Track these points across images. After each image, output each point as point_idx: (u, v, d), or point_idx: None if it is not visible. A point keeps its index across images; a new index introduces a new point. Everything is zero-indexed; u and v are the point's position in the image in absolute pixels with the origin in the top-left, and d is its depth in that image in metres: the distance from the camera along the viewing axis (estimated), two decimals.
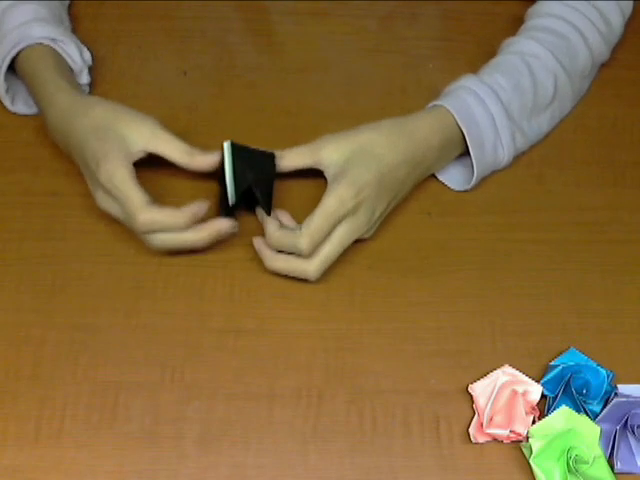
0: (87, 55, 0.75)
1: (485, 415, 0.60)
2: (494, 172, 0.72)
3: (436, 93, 0.72)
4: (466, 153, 0.70)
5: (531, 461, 0.58)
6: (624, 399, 0.60)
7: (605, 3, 0.76)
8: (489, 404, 0.60)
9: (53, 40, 0.71)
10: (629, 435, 0.59)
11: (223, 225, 0.65)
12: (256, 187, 0.66)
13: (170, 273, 0.67)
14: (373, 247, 0.69)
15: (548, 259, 0.69)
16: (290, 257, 0.65)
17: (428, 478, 0.59)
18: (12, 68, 0.73)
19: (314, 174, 0.68)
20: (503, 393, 0.61)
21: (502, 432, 0.59)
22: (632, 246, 0.70)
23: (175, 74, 0.79)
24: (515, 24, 0.77)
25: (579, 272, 0.68)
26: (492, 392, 0.61)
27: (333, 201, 0.64)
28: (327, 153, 0.67)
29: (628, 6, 0.78)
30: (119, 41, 0.81)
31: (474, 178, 0.70)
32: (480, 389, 0.61)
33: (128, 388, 0.62)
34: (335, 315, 0.65)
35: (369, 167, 0.65)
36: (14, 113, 0.75)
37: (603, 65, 0.79)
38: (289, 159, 0.68)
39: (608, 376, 0.61)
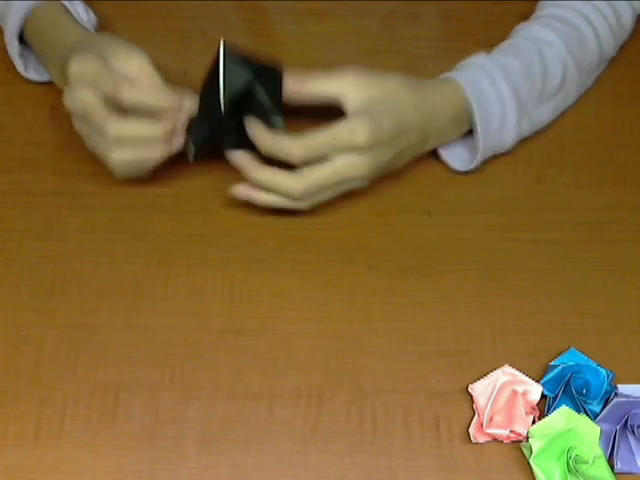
0: (92, 16, 0.76)
1: (485, 415, 0.60)
2: (494, 156, 0.72)
3: None
4: (468, 134, 0.70)
5: (531, 461, 0.58)
6: (624, 399, 0.60)
7: None
8: (489, 404, 0.60)
9: None
10: (629, 435, 0.59)
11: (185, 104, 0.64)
12: (260, 88, 0.63)
13: (170, 273, 0.67)
14: (373, 247, 0.69)
15: (548, 259, 0.69)
16: (278, 170, 0.63)
17: (428, 478, 0.59)
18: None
19: None
20: (503, 393, 0.61)
21: (502, 432, 0.59)
22: (632, 246, 0.70)
23: (175, 74, 0.78)
24: (515, 24, 0.77)
25: (579, 272, 0.68)
26: (492, 392, 0.61)
27: (345, 129, 0.62)
28: (354, 88, 0.65)
29: (638, 5, 0.78)
30: None
31: (478, 156, 0.70)
32: (480, 389, 0.61)
33: (128, 388, 0.62)
34: (335, 315, 0.65)
35: (391, 115, 0.64)
36: (27, 80, 0.76)
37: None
38: (310, 84, 0.65)
39: (608, 376, 0.61)
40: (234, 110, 0.64)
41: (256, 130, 0.65)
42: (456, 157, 0.72)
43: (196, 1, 0.84)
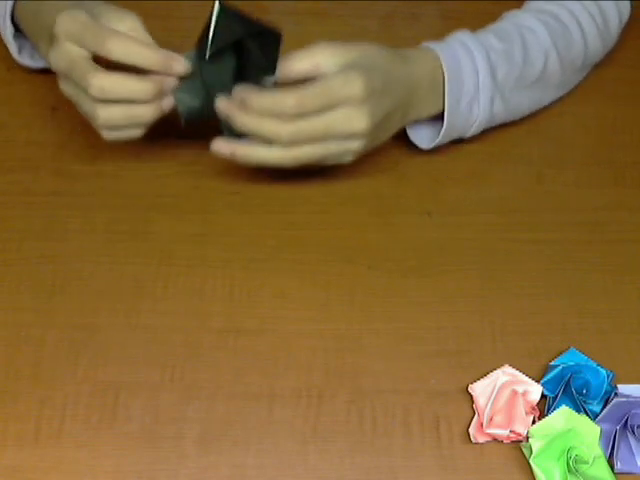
0: None
1: (485, 415, 0.60)
2: (460, 140, 0.71)
3: None
4: (438, 117, 0.69)
5: (531, 461, 0.58)
6: (624, 399, 0.60)
7: (606, 3, 0.76)
8: (489, 404, 0.60)
9: None
10: (629, 435, 0.59)
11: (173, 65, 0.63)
12: (253, 46, 0.62)
13: (170, 273, 0.67)
14: (373, 247, 0.69)
15: (548, 259, 0.69)
16: (265, 117, 0.61)
17: (428, 478, 0.59)
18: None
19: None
20: (503, 393, 0.61)
21: (502, 432, 0.59)
22: (632, 246, 0.70)
23: None
24: None
25: (579, 272, 0.68)
26: (492, 392, 0.61)
27: (339, 78, 0.61)
28: (332, 56, 0.63)
29: (625, 10, 0.78)
30: None
31: (442, 130, 0.69)
32: (480, 389, 0.61)
33: (128, 388, 0.61)
34: (335, 315, 0.65)
35: (378, 69, 0.63)
36: (21, 65, 0.75)
37: (603, 65, 0.79)
38: (286, 65, 0.64)
39: (608, 376, 0.61)
40: (225, 73, 0.64)
41: (247, 88, 0.63)
42: (422, 136, 0.71)
43: (196, 1, 0.84)
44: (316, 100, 0.61)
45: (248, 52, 0.64)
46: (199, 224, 0.70)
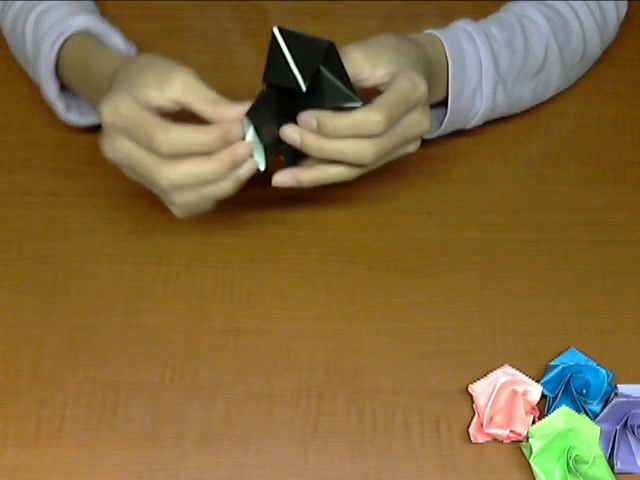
0: (132, 48, 0.70)
1: (485, 415, 0.60)
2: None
3: None
4: (441, 104, 0.69)
5: (531, 461, 0.58)
6: (624, 399, 0.60)
7: None
8: (489, 404, 0.60)
9: (95, 29, 0.67)
10: (629, 435, 0.59)
11: (238, 151, 0.56)
12: (325, 70, 0.56)
13: (170, 273, 0.67)
14: (373, 247, 0.69)
15: (548, 259, 0.69)
16: (348, 139, 0.57)
17: (428, 478, 0.59)
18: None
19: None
20: (503, 393, 0.61)
21: (502, 432, 0.59)
22: (632, 246, 0.70)
23: None
24: None
25: (579, 272, 0.68)
26: (492, 392, 0.61)
27: (406, 83, 0.58)
28: (365, 62, 0.60)
29: (623, 7, 0.78)
30: None
31: (446, 118, 0.68)
32: (480, 389, 0.61)
33: (128, 388, 0.62)
34: (335, 315, 0.65)
35: (417, 67, 0.61)
36: (71, 124, 0.71)
37: (603, 65, 0.79)
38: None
39: (608, 376, 0.61)
40: (292, 109, 0.58)
41: (326, 112, 0.58)
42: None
43: (196, 1, 0.84)
44: (399, 110, 0.58)
45: (321, 80, 0.58)
46: (199, 224, 0.70)
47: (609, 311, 0.66)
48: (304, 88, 0.57)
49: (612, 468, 0.59)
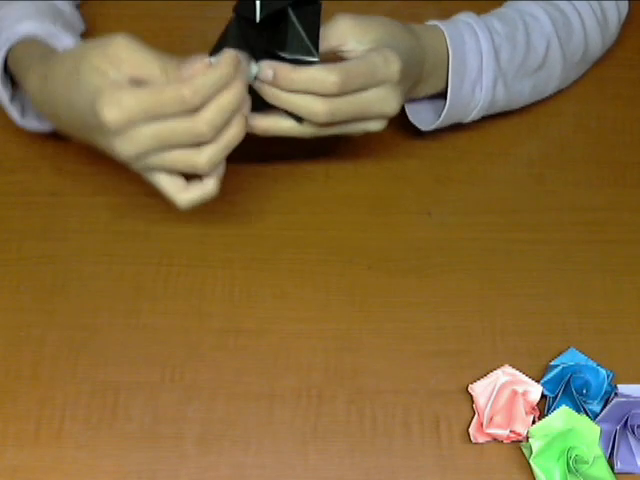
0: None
1: (485, 415, 0.60)
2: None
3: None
4: (440, 96, 0.69)
5: (531, 461, 0.58)
6: (624, 399, 0.60)
7: None
8: (489, 404, 0.60)
9: (43, 33, 0.66)
10: (629, 435, 0.59)
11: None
12: (295, 19, 0.57)
13: (170, 273, 0.67)
14: (373, 247, 0.69)
15: (548, 259, 0.69)
16: (301, 93, 0.58)
17: (428, 478, 0.59)
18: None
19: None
20: (503, 393, 0.61)
21: (502, 432, 0.59)
22: (632, 246, 0.70)
23: None
24: None
25: (579, 272, 0.68)
26: (492, 392, 0.61)
27: (377, 57, 0.59)
28: (351, 33, 0.61)
29: (624, 8, 0.78)
30: None
31: (445, 110, 0.68)
32: (480, 389, 0.61)
33: (128, 388, 0.62)
34: (335, 315, 0.65)
35: (403, 47, 0.62)
36: (25, 128, 0.70)
37: (603, 65, 0.79)
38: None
39: (608, 376, 0.61)
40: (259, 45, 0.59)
41: (285, 64, 0.59)
42: (423, 120, 0.71)
43: (196, 1, 0.84)
44: (359, 79, 0.59)
45: (288, 26, 0.58)
46: (199, 224, 0.70)
47: (609, 311, 0.66)
48: (258, 18, 0.57)
49: (612, 468, 0.59)
